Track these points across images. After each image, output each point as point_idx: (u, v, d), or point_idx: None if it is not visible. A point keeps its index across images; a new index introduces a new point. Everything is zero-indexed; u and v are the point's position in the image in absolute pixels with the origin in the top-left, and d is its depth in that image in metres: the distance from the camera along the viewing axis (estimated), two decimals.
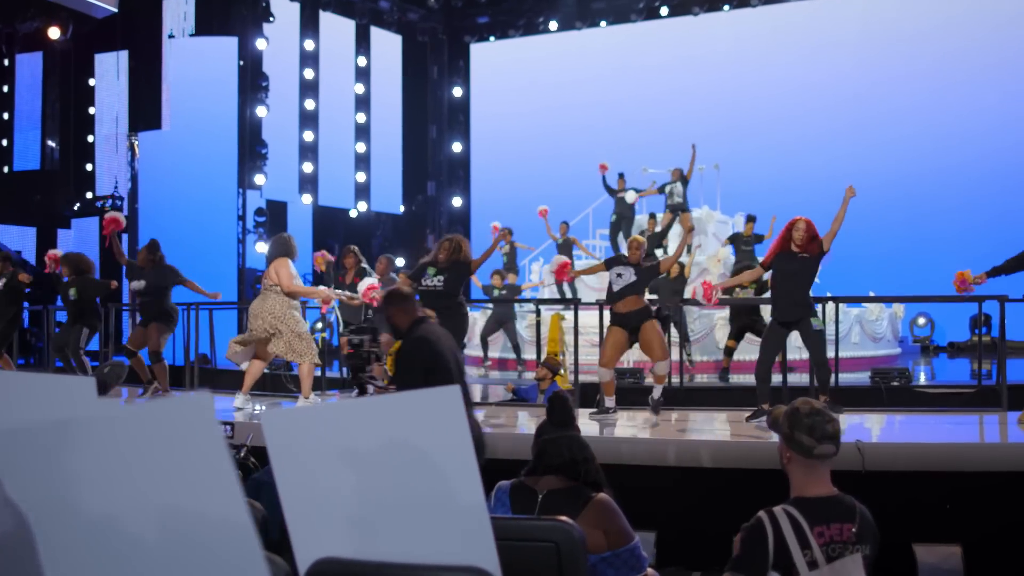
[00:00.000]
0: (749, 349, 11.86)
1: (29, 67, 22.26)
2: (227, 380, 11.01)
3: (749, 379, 11.46)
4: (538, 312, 10.44)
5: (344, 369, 10.78)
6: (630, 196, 15.10)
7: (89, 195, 21.51)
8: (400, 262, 17.20)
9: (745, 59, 20.93)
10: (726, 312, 11.74)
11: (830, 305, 10.02)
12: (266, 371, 10.22)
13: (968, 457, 5.80)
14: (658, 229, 13.80)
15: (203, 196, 19.54)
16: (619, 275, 7.81)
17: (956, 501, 5.66)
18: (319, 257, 11.32)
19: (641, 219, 14.94)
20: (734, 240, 13.60)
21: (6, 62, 22.33)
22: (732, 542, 2.88)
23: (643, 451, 6.54)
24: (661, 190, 14.85)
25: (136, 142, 20.16)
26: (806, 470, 2.91)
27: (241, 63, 19.77)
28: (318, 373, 10.54)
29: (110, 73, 21.01)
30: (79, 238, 20.29)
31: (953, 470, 5.68)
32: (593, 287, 13.94)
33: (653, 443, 6.71)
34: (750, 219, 13.48)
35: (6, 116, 22.69)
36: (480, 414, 8.12)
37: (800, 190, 19.00)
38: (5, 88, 22.61)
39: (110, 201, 20.34)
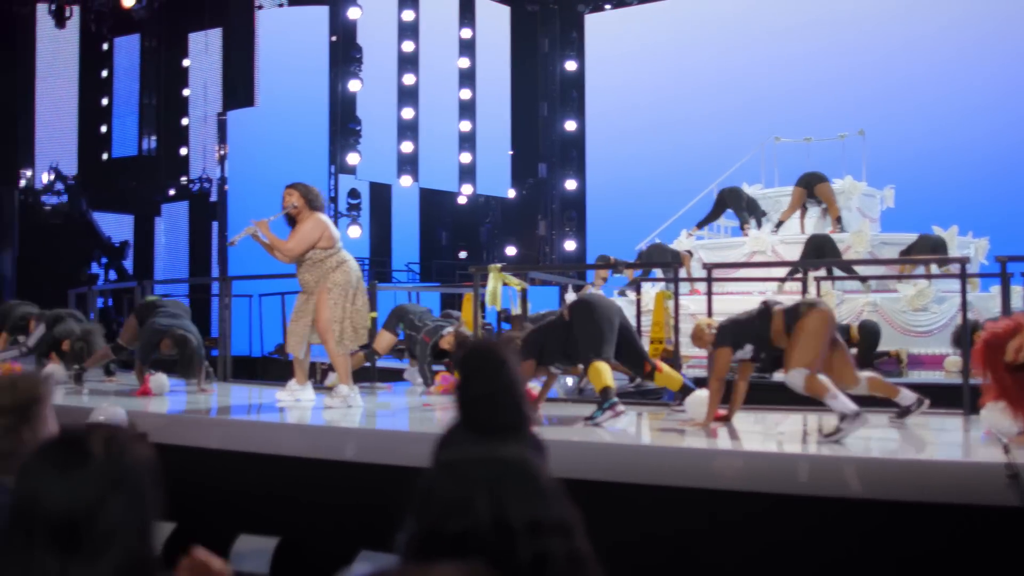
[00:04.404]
0: None
1: (126, 51, 21.67)
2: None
3: None
4: (638, 289, 8.51)
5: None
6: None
7: (184, 179, 20.70)
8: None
9: (891, 15, 18.45)
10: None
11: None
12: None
13: None
14: None
15: (294, 176, 18.29)
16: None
17: None
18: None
19: None
20: None
21: (104, 46, 21.75)
22: None
23: (769, 468, 4.56)
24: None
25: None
26: None
27: (333, 35, 18.47)
28: None
29: (203, 53, 20.13)
30: (169, 225, 19.45)
31: None
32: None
33: (776, 459, 4.71)
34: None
35: (105, 102, 22.15)
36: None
37: (953, 158, 16.62)
38: (104, 73, 22.06)
39: (198, 184, 19.38)
